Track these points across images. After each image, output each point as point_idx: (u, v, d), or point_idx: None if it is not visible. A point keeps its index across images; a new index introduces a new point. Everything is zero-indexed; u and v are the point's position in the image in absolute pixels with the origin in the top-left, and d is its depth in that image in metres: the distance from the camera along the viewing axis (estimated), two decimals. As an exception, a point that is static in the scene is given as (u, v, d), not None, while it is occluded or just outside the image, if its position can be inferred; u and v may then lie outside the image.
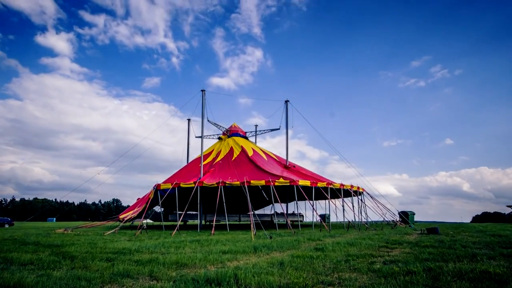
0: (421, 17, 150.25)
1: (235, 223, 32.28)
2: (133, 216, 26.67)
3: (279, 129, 34.42)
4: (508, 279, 5.28)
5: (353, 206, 27.13)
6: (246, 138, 35.33)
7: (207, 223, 29.96)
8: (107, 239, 14.32)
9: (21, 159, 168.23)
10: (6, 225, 35.35)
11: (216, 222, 22.31)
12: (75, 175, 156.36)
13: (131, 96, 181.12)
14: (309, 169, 32.67)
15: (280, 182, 22.86)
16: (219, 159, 30.44)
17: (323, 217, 31.13)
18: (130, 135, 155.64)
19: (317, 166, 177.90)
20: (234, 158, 29.97)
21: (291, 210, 33.82)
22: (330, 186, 24.73)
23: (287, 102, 29.82)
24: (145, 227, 23.42)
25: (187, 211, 22.27)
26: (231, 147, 31.77)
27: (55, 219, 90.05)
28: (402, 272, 5.86)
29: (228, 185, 22.74)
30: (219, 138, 35.28)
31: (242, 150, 30.98)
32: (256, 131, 37.84)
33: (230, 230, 21.16)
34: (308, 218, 33.92)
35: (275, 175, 24.36)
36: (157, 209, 33.94)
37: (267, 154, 33.19)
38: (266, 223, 28.24)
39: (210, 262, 7.30)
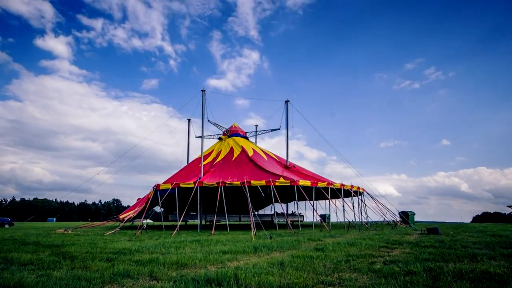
0: (413, 21, 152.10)
1: (235, 223, 32.28)
2: (133, 216, 26.69)
3: (279, 129, 34.49)
4: (508, 279, 5.27)
5: (353, 206, 27.18)
6: (246, 138, 35.33)
7: (207, 223, 29.96)
8: (107, 239, 14.32)
9: (21, 159, 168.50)
10: (6, 225, 35.35)
11: (216, 222, 22.31)
12: (75, 175, 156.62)
13: (130, 97, 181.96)
14: (309, 170, 32.70)
15: (280, 182, 22.86)
16: (219, 159, 30.44)
17: (323, 217, 31.12)
18: (129, 135, 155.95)
19: (315, 166, 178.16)
20: (234, 158, 29.97)
21: (292, 210, 33.90)
22: (330, 186, 24.74)
23: (287, 102, 29.84)
24: (145, 227, 23.43)
25: (187, 211, 22.26)
26: (231, 147, 31.77)
27: (55, 219, 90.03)
28: (402, 272, 5.85)
29: (228, 185, 22.73)
30: (219, 138, 35.30)
31: (242, 150, 30.98)
32: (256, 131, 37.88)
33: (230, 230, 21.16)
34: (308, 218, 34.01)
35: (275, 175, 24.36)
36: (157, 209, 33.97)
37: (268, 154, 33.19)
38: (266, 223, 28.24)
39: (210, 262, 7.30)
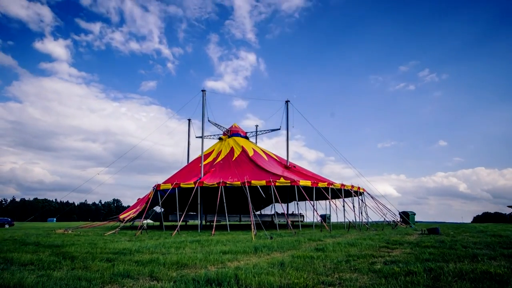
0: (405, 25, 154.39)
1: (235, 223, 32.26)
2: (133, 216, 26.69)
3: (280, 129, 34.49)
4: (509, 279, 5.27)
5: (353, 206, 27.15)
6: (246, 138, 35.33)
7: (208, 224, 29.95)
8: (108, 239, 14.32)
9: (21, 159, 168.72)
10: (6, 226, 35.36)
11: (216, 222, 22.29)
12: (76, 175, 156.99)
13: (128, 99, 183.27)
14: (309, 170, 32.69)
15: (280, 182, 22.85)
16: (219, 159, 30.43)
17: (324, 217, 31.09)
18: (129, 136, 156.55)
19: (314, 167, 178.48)
20: (234, 158, 29.96)
21: (292, 210, 33.88)
22: (330, 186, 24.73)
23: (288, 102, 29.82)
24: (146, 228, 23.43)
25: (188, 212, 22.24)
26: (232, 147, 31.76)
27: (55, 219, 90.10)
28: (402, 272, 5.85)
29: (228, 185, 22.72)
30: (220, 138, 35.30)
31: (242, 150, 30.97)
32: (256, 131, 37.88)
33: (230, 230, 21.15)
34: (308, 218, 34.00)
35: (275, 175, 24.35)
36: (158, 209, 33.97)
37: (268, 154, 33.18)
38: (266, 224, 28.22)
39: (210, 262, 7.30)
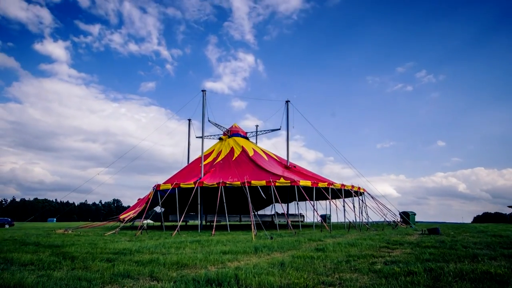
0: (401, 26, 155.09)
1: (235, 223, 32.25)
2: (133, 216, 26.68)
3: (280, 129, 34.50)
4: (509, 279, 5.26)
5: (354, 206, 27.15)
6: (246, 138, 35.32)
7: (208, 224, 29.94)
8: (108, 239, 14.32)
9: (22, 160, 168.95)
10: (6, 226, 35.36)
11: (216, 222, 22.29)
12: (76, 175, 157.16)
13: (128, 99, 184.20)
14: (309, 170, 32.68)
15: (281, 182, 22.84)
16: (219, 159, 30.43)
17: (324, 218, 31.07)
18: (129, 137, 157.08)
19: (313, 167, 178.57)
20: (234, 158, 29.95)
21: (292, 210, 33.86)
22: (331, 186, 24.72)
23: (288, 102, 29.82)
24: (146, 228, 23.43)
25: (188, 212, 22.25)
26: (232, 147, 31.76)
27: (55, 219, 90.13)
28: (403, 272, 5.84)
29: (228, 185, 22.71)
30: (220, 138, 35.31)
31: (242, 150, 30.96)
32: (256, 131, 37.88)
33: (230, 230, 21.15)
34: (309, 218, 33.98)
35: (276, 175, 24.34)
36: (158, 209, 33.97)
37: (268, 154, 33.18)
38: (267, 224, 28.21)
39: (210, 262, 7.29)
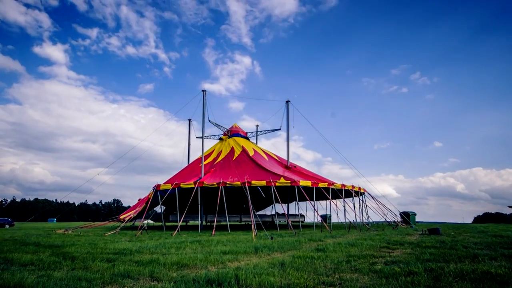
0: (395, 29, 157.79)
1: (236, 223, 32.24)
2: (133, 216, 26.68)
3: (280, 129, 34.51)
4: (509, 279, 5.26)
5: (354, 206, 27.14)
6: (247, 138, 35.33)
7: (208, 224, 29.93)
8: (108, 239, 14.32)
9: (22, 160, 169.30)
10: (6, 226, 35.37)
11: (217, 222, 22.28)
12: (76, 176, 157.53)
13: (127, 101, 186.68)
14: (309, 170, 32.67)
15: (281, 182, 22.83)
16: (220, 159, 30.42)
17: (324, 218, 31.06)
18: (128, 137, 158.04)
19: (311, 167, 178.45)
20: (235, 158, 29.94)
21: (292, 210, 33.85)
22: (331, 186, 24.70)
23: (288, 102, 29.80)
24: (146, 228, 23.43)
25: (188, 212, 22.24)
26: (232, 147, 31.76)
27: (55, 219, 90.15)
28: (403, 272, 5.84)
29: (229, 185, 22.70)
30: (220, 138, 35.32)
31: (243, 150, 30.96)
32: (257, 132, 37.88)
33: (231, 230, 21.14)
34: (309, 218, 33.95)
35: (276, 175, 24.33)
36: (158, 209, 33.96)
37: (268, 154, 33.17)
38: (267, 224, 28.20)
39: (211, 262, 7.29)
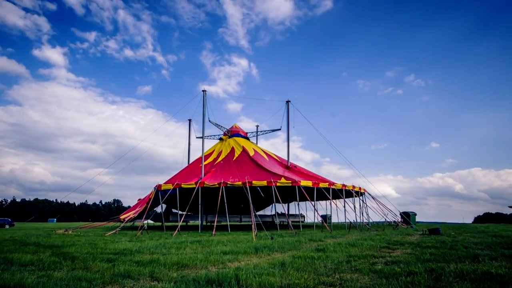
0: (388, 32, 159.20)
1: (236, 223, 32.24)
2: (133, 216, 26.68)
3: (280, 129, 34.50)
4: (510, 280, 5.25)
5: (354, 206, 27.13)
6: (247, 138, 35.33)
7: (208, 224, 29.93)
8: (108, 239, 14.32)
9: (22, 160, 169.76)
10: (6, 226, 35.38)
11: (217, 222, 22.27)
12: (76, 176, 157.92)
13: (126, 102, 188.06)
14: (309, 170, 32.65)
15: (281, 182, 22.83)
16: (220, 159, 30.42)
17: (325, 218, 31.06)
18: (128, 138, 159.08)
19: (310, 168, 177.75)
20: (235, 158, 29.94)
21: (292, 210, 33.83)
22: (331, 186, 24.69)
23: (288, 102, 29.79)
24: (146, 228, 23.43)
25: (188, 212, 22.24)
26: (232, 147, 31.75)
27: (55, 219, 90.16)
28: (403, 273, 5.83)
29: (229, 186, 22.70)
30: (220, 138, 35.32)
31: (243, 150, 30.95)
32: (257, 132, 37.87)
33: (231, 230, 21.13)
34: (309, 218, 33.94)
35: (276, 175, 24.32)
36: (158, 209, 33.97)
37: (268, 154, 33.16)
38: (267, 224, 28.18)
39: (211, 262, 7.29)
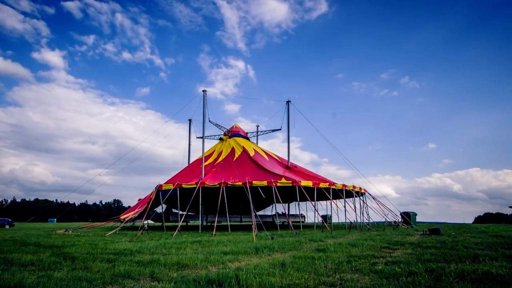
0: (382, 35, 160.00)
1: (236, 224, 32.23)
2: (133, 217, 26.69)
3: (280, 129, 34.48)
4: (510, 280, 5.25)
5: (354, 207, 27.12)
6: (247, 138, 35.32)
7: (208, 224, 29.93)
8: (108, 240, 14.32)
9: (22, 161, 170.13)
10: (6, 226, 35.40)
11: (217, 223, 22.26)
12: (76, 176, 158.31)
13: (125, 103, 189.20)
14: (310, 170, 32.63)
15: (282, 182, 22.82)
16: (220, 159, 30.42)
17: (325, 218, 31.04)
18: (128, 139, 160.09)
19: (308, 168, 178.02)
20: (235, 158, 29.94)
21: (293, 210, 33.83)
22: (332, 187, 24.68)
23: (289, 102, 29.79)
24: (146, 228, 23.43)
25: (189, 212, 22.23)
26: (233, 147, 31.75)
27: (55, 219, 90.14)
28: (404, 273, 5.83)
29: (230, 186, 22.70)
30: (220, 138, 35.31)
31: (243, 150, 30.95)
32: (257, 132, 37.86)
33: (231, 231, 21.13)
34: (309, 219, 33.92)
35: (277, 176, 24.31)
36: (159, 209, 33.97)
37: (269, 154, 33.15)
38: (267, 224, 28.17)
39: (211, 263, 7.28)
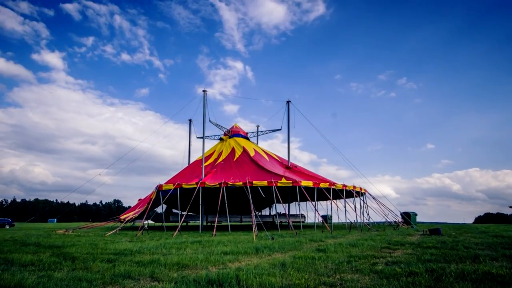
0: (379, 36, 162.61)
1: (236, 224, 32.23)
2: (134, 217, 26.69)
3: (281, 129, 34.48)
4: (510, 280, 5.24)
5: (355, 207, 27.11)
6: (247, 138, 35.32)
7: (209, 224, 29.92)
8: (108, 240, 14.32)
9: (23, 161, 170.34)
10: (6, 226, 35.40)
11: (217, 223, 22.26)
12: (76, 176, 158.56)
13: (124, 104, 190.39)
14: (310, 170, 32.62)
15: (282, 182, 22.82)
16: (220, 159, 30.42)
17: (325, 218, 31.03)
18: (127, 139, 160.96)
19: (308, 168, 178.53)
20: (235, 158, 29.94)
21: (293, 210, 33.82)
22: (332, 187, 24.68)
23: (289, 102, 29.79)
24: (146, 228, 23.44)
25: (189, 212, 22.23)
26: (233, 147, 31.75)
27: (56, 220, 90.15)
28: (404, 273, 5.82)
29: (230, 186, 22.70)
30: (220, 138, 35.31)
31: (243, 150, 30.95)
32: (258, 132, 37.86)
33: (231, 231, 21.13)
34: (310, 219, 33.90)
35: (277, 176, 24.31)
36: (159, 209, 33.97)
37: (269, 154, 33.15)
38: (268, 224, 28.16)
39: (211, 263, 7.28)
